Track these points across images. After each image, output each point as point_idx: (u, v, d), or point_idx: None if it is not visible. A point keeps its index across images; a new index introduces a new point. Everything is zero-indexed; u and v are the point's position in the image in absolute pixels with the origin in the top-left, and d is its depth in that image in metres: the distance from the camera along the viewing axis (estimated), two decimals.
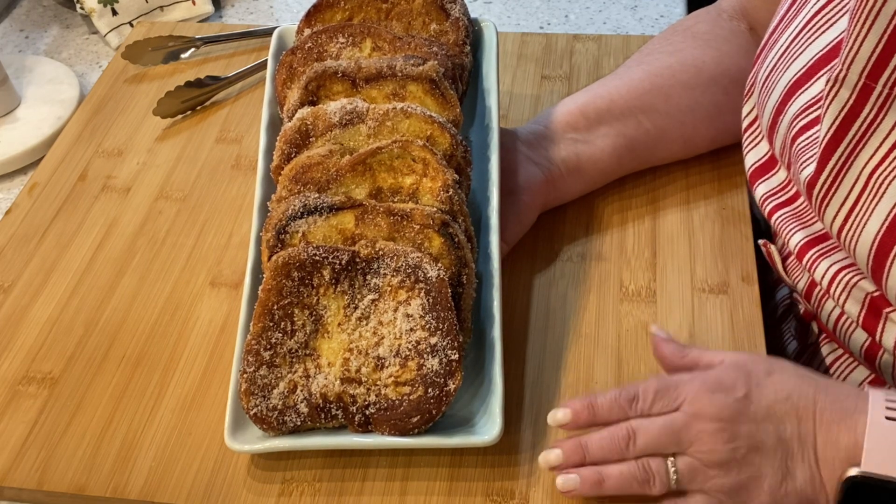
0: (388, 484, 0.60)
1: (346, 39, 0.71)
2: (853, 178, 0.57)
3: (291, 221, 0.62)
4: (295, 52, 0.72)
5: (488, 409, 0.60)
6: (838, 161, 0.57)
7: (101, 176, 0.83)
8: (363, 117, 0.66)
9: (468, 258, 0.62)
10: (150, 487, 0.60)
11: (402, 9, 0.74)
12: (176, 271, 0.74)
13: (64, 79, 0.97)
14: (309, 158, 0.65)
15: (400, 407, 0.58)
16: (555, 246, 0.74)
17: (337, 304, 0.60)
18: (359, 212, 0.62)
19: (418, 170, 0.64)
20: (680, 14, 1.04)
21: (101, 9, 1.03)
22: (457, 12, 0.73)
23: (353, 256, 0.60)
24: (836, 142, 0.57)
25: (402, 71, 0.67)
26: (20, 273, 0.75)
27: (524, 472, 0.60)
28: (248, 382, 0.59)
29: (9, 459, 0.62)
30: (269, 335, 0.59)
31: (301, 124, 0.67)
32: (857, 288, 0.60)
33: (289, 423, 0.59)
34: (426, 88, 0.67)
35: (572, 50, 0.93)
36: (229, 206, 0.79)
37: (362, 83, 0.68)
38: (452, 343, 0.58)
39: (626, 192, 0.77)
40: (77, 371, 0.67)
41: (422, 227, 0.61)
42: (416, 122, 0.65)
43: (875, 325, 0.61)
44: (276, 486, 0.60)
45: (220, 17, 1.10)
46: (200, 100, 0.89)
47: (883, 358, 0.63)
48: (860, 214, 0.57)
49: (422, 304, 0.59)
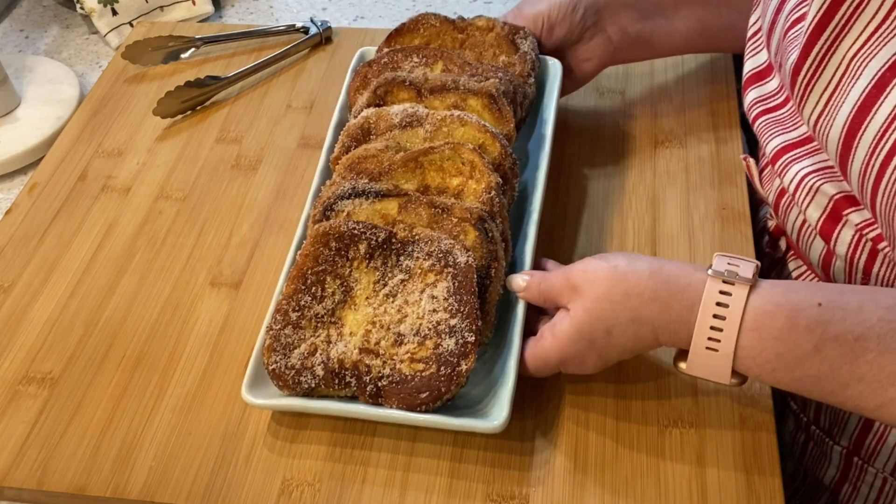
0: (388, 484, 0.60)
1: (420, 59, 0.77)
2: (836, 63, 0.58)
3: (339, 200, 0.66)
4: (371, 65, 0.78)
5: (497, 397, 0.60)
6: (822, 46, 0.59)
7: (101, 176, 0.83)
8: (422, 121, 0.70)
9: (500, 254, 0.64)
10: (150, 487, 0.60)
11: (476, 40, 0.80)
12: (176, 271, 0.74)
13: (64, 79, 0.97)
14: (366, 150, 0.69)
15: (412, 382, 0.59)
16: (555, 246, 0.74)
17: (368, 278, 0.63)
18: (402, 200, 0.66)
19: (466, 172, 0.67)
20: None
21: (101, 9, 1.03)
22: (526, 47, 0.78)
23: (390, 236, 0.63)
24: (821, 27, 0.58)
25: (464, 85, 0.72)
26: (20, 273, 0.75)
27: (524, 472, 0.60)
28: (272, 339, 0.61)
29: (9, 459, 0.62)
30: (299, 297, 0.62)
31: (364, 122, 0.71)
32: (820, 192, 0.63)
33: (303, 384, 0.60)
34: (485, 103, 0.72)
35: None
36: (229, 206, 0.79)
37: (426, 93, 0.73)
38: (471, 326, 0.60)
39: (627, 192, 0.77)
40: (77, 371, 0.67)
41: (459, 220, 0.64)
42: (471, 130, 0.70)
43: (832, 231, 0.64)
44: (276, 486, 0.60)
45: (220, 17, 1.10)
46: (200, 100, 0.89)
47: (836, 265, 0.66)
48: (837, 99, 0.58)
49: (447, 287, 0.61)
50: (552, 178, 0.79)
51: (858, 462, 0.70)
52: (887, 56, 0.55)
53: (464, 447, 0.61)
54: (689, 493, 0.58)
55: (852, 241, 0.63)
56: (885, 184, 0.55)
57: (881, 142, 0.55)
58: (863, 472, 0.70)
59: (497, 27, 0.79)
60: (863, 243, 0.63)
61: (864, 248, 0.63)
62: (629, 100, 0.87)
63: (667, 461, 0.60)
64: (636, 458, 0.60)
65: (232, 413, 0.64)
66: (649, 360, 0.65)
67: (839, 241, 0.64)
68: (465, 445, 0.62)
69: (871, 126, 0.56)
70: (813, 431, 0.73)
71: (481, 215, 0.64)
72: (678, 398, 0.63)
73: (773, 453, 0.60)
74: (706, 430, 0.62)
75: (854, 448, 0.70)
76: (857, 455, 0.70)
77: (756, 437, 0.61)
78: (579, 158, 0.81)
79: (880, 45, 0.56)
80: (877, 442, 0.68)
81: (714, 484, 0.59)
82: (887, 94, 0.55)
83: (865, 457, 0.69)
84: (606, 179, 0.79)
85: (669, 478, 0.59)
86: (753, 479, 0.59)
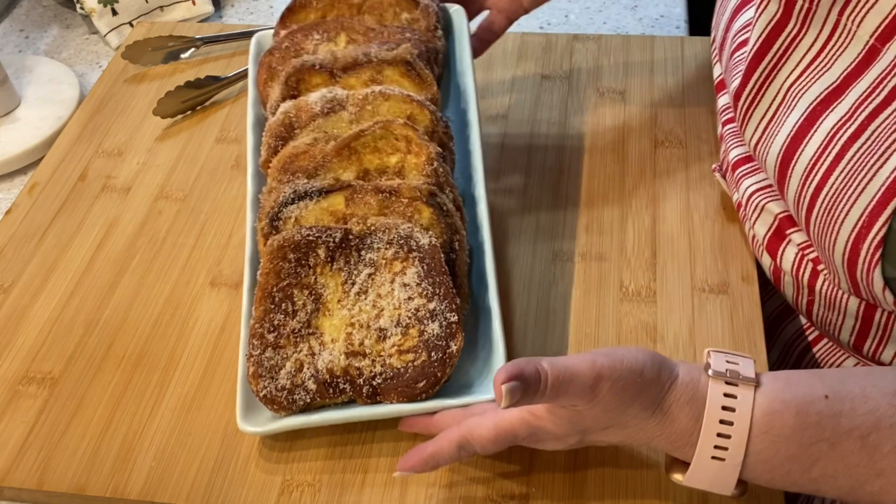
0: (388, 484, 0.60)
1: (321, 36, 0.73)
2: (773, 91, 0.59)
3: (283, 208, 0.64)
4: (273, 53, 0.74)
5: (491, 369, 0.60)
6: (761, 75, 0.60)
7: (101, 176, 0.83)
8: (344, 104, 0.68)
9: (458, 225, 0.64)
10: (150, 487, 0.60)
11: (373, 2, 0.77)
12: (176, 271, 0.74)
13: (64, 79, 0.97)
14: (295, 148, 0.66)
15: (406, 374, 0.59)
16: (555, 246, 0.74)
17: (335, 281, 0.62)
18: (348, 192, 0.64)
19: (402, 148, 0.66)
20: (680, 14, 1.04)
21: (101, 9, 1.03)
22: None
23: (345, 234, 0.62)
24: (760, 55, 0.59)
25: (377, 56, 0.70)
26: (20, 273, 0.75)
27: (524, 472, 0.60)
28: (255, 365, 0.59)
29: (9, 459, 0.62)
30: (271, 317, 0.60)
31: (285, 117, 0.68)
32: (766, 210, 0.64)
33: (298, 402, 0.59)
34: (402, 71, 0.70)
35: (572, 50, 0.93)
36: (229, 206, 0.79)
37: (339, 73, 0.70)
38: (450, 306, 0.60)
39: (626, 191, 0.77)
40: (77, 371, 0.67)
41: (410, 201, 0.63)
42: (396, 103, 0.67)
43: (777, 248, 0.65)
44: (276, 486, 0.60)
45: (220, 17, 1.10)
46: (200, 100, 0.89)
47: (784, 280, 0.66)
48: (773, 128, 0.59)
49: (417, 272, 0.61)
50: (552, 179, 0.79)
51: None
52: (819, 90, 0.56)
53: None
54: (689, 493, 0.58)
55: (795, 259, 0.64)
56: (816, 214, 0.57)
57: (811, 174, 0.56)
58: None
59: None
60: (804, 262, 0.63)
61: (807, 267, 0.63)
62: (629, 100, 0.87)
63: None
64: (636, 458, 0.60)
65: (232, 413, 0.64)
66: None
67: (784, 259, 0.65)
68: None
69: (801, 158, 0.57)
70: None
71: (430, 190, 0.63)
72: None
73: None
74: None
75: None
76: None
77: None
78: (579, 158, 0.81)
79: (814, 79, 0.57)
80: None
81: None
82: (816, 127, 0.56)
83: None
84: (606, 179, 0.79)
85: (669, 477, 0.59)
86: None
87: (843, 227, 0.55)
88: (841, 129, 0.55)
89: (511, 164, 0.80)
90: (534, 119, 0.85)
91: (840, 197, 0.55)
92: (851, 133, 0.54)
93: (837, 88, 0.56)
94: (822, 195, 0.56)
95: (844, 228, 0.55)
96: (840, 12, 0.55)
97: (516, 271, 0.72)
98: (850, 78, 0.55)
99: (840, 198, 0.55)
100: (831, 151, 0.55)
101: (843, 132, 0.54)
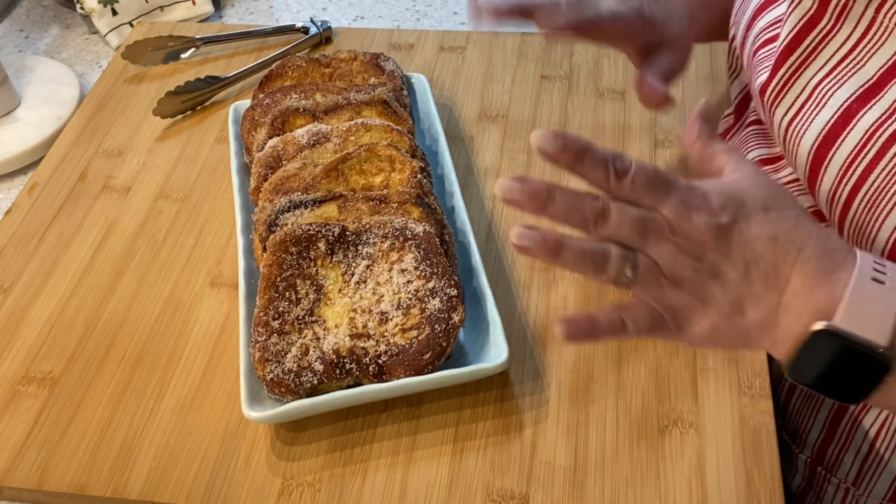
0: (388, 484, 0.60)
1: (299, 95, 0.80)
2: (799, 88, 0.59)
3: (280, 215, 0.67)
4: (255, 108, 0.81)
5: (491, 341, 0.63)
6: (788, 69, 0.59)
7: (101, 176, 0.83)
8: (328, 137, 0.74)
9: (446, 221, 0.69)
10: (150, 487, 0.60)
11: (343, 70, 0.84)
12: (176, 271, 0.74)
13: (64, 79, 0.97)
14: (285, 171, 0.72)
15: (411, 348, 0.61)
16: None
17: (335, 272, 0.65)
18: (340, 202, 0.68)
19: (386, 168, 0.71)
20: None
21: (101, 9, 1.03)
22: (390, 66, 0.83)
23: (343, 230, 0.65)
24: (790, 49, 0.59)
25: (356, 99, 0.77)
26: (20, 273, 0.75)
27: (524, 472, 0.60)
28: (261, 350, 0.61)
29: (9, 459, 0.62)
30: (275, 305, 0.63)
31: (273, 150, 0.74)
32: None
33: (305, 384, 0.60)
34: (380, 110, 0.76)
35: (572, 50, 0.93)
36: (229, 206, 0.79)
37: (322, 115, 0.77)
38: (449, 282, 0.63)
39: None
40: (77, 371, 0.67)
41: (400, 204, 0.68)
42: (377, 133, 0.73)
43: None
44: (276, 487, 0.60)
45: (220, 17, 1.10)
46: (200, 100, 0.89)
47: None
48: (800, 124, 0.59)
49: (414, 257, 0.64)
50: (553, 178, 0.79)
51: (821, 472, 0.70)
52: (854, 87, 0.56)
53: (464, 446, 0.61)
54: (689, 493, 0.58)
55: None
56: (854, 212, 0.56)
57: (847, 172, 0.56)
58: (825, 482, 0.70)
59: (360, 56, 0.84)
60: None
61: None
62: (629, 100, 0.87)
63: (667, 461, 0.60)
64: (636, 458, 0.60)
65: (232, 413, 0.64)
66: (649, 360, 0.65)
67: None
68: (466, 444, 0.62)
69: (837, 156, 0.56)
70: (782, 436, 0.73)
71: (418, 193, 0.68)
72: (678, 398, 0.63)
73: (773, 453, 0.60)
74: (706, 430, 0.62)
75: (817, 458, 0.70)
76: (821, 464, 0.70)
77: (756, 437, 0.61)
78: None
79: (846, 76, 0.56)
80: (838, 452, 0.68)
81: (714, 484, 0.59)
82: (853, 124, 0.55)
83: (828, 466, 0.69)
84: None
85: (669, 478, 0.59)
86: (753, 479, 0.59)
87: (885, 226, 0.54)
88: (881, 127, 0.54)
89: (511, 164, 0.80)
90: (534, 119, 0.85)
91: (881, 195, 0.54)
92: (893, 131, 0.53)
93: (874, 86, 0.55)
94: (861, 193, 0.55)
95: (885, 227, 0.54)
96: (877, 10, 0.55)
97: (516, 271, 0.72)
98: (887, 76, 0.55)
99: (881, 195, 0.54)
100: (871, 149, 0.54)
101: (883, 130, 0.54)
